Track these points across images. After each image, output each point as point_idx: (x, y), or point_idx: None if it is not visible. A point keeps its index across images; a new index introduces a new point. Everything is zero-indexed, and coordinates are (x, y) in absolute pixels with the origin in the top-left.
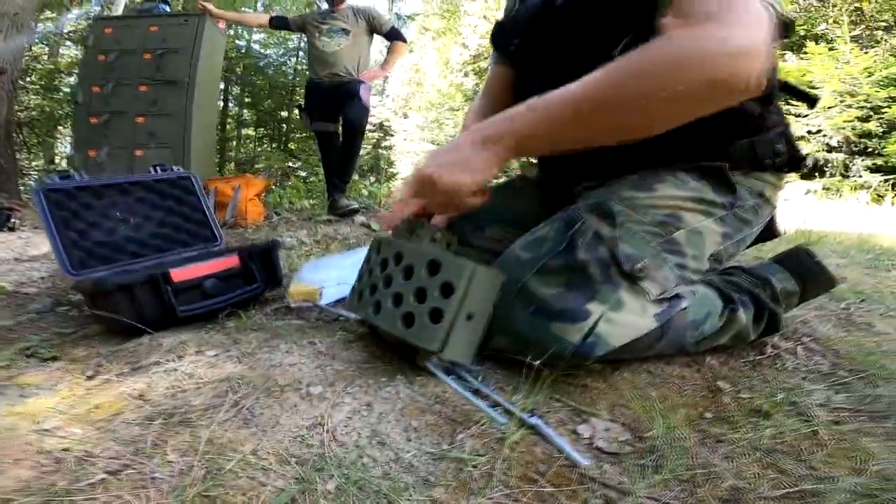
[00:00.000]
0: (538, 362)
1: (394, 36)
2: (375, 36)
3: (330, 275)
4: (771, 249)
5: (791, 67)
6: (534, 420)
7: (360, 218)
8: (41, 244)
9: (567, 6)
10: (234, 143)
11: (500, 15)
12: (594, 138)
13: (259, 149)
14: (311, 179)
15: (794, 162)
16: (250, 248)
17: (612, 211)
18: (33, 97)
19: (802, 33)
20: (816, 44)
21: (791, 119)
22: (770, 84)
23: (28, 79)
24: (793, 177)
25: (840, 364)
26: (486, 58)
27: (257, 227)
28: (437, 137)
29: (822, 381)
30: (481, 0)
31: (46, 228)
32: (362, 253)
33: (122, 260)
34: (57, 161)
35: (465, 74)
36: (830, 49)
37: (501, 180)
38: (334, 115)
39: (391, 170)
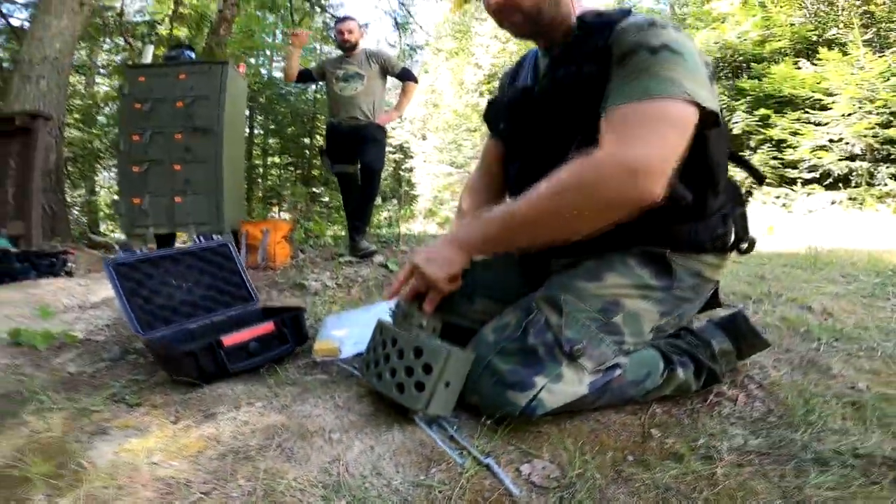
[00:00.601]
0: (494, 418)
1: (405, 77)
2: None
3: (348, 332)
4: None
5: (806, 75)
6: (487, 460)
7: (378, 258)
8: (99, 290)
9: (540, 98)
10: (261, 170)
11: (496, 89)
12: (539, 241)
13: (284, 176)
14: (333, 204)
15: (738, 243)
16: (283, 315)
17: (559, 303)
18: (74, 132)
19: (814, 39)
20: (829, 49)
21: (811, 128)
22: (710, 171)
23: (71, 116)
24: (818, 188)
25: (774, 410)
26: (499, 77)
27: (285, 268)
28: (455, 159)
29: (747, 426)
30: (491, 20)
31: (117, 296)
32: (375, 309)
33: (179, 320)
34: (97, 190)
35: (481, 94)
36: (844, 54)
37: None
38: (353, 157)
39: (412, 192)
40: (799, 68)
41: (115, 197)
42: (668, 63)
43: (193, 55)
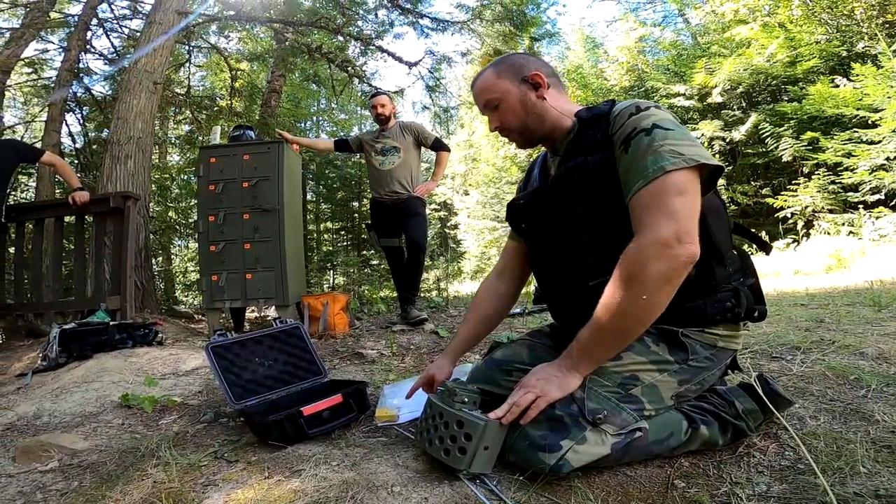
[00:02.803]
0: (528, 473)
1: (438, 147)
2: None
3: (404, 401)
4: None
5: (845, 92)
6: None
7: (429, 326)
8: (188, 360)
9: (551, 192)
10: (315, 236)
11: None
12: (632, 333)
13: (337, 241)
14: (382, 267)
15: (750, 314)
16: (349, 388)
17: (584, 381)
18: (152, 205)
19: (844, 54)
20: (862, 63)
21: (864, 147)
22: (712, 247)
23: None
24: (885, 210)
25: (804, 458)
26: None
27: (344, 337)
28: (499, 213)
29: (773, 474)
30: None
31: (214, 373)
32: None
33: (264, 392)
34: (172, 259)
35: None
36: (878, 67)
37: (530, 331)
38: (398, 230)
39: (459, 248)
40: (836, 86)
41: (190, 265)
42: (663, 139)
43: (253, 135)
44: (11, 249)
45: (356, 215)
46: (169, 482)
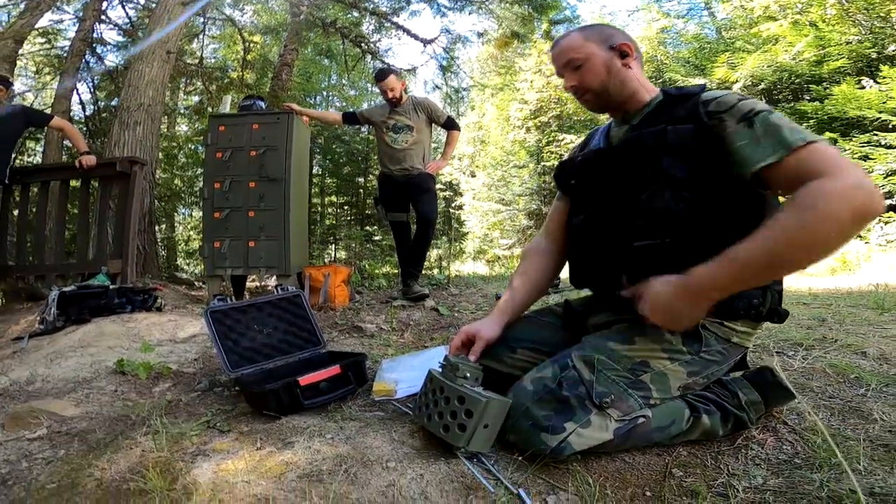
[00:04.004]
0: (527, 454)
1: (450, 126)
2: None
3: (402, 375)
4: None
5: (870, 95)
6: (518, 490)
7: (430, 302)
8: (186, 326)
9: (616, 154)
10: (320, 209)
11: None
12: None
13: (341, 215)
14: (385, 243)
15: (772, 314)
16: (347, 360)
17: (593, 361)
18: (159, 173)
19: (874, 56)
20: (892, 66)
21: (882, 151)
22: None
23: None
24: (895, 216)
25: (801, 453)
26: (545, 112)
27: (344, 310)
28: (504, 196)
29: (770, 467)
30: (534, 56)
31: (212, 339)
32: (426, 355)
33: (260, 360)
34: (176, 227)
35: (527, 130)
36: None
37: (536, 309)
38: (406, 206)
39: (462, 230)
40: (862, 87)
41: (192, 233)
42: (784, 118)
43: (264, 106)
44: (15, 212)
45: (361, 191)
46: (157, 451)
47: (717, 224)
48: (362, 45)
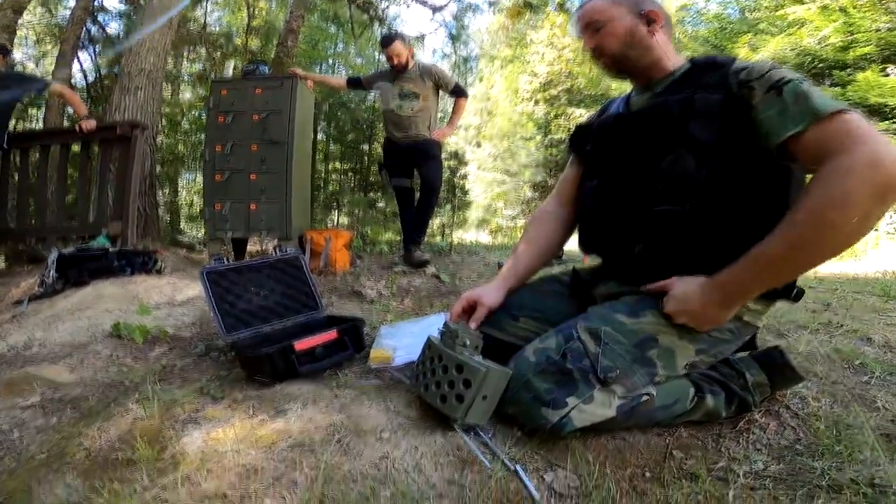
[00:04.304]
0: (527, 429)
1: (457, 93)
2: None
3: (400, 342)
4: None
5: (894, 82)
6: (515, 466)
7: (431, 269)
8: (185, 289)
9: (636, 119)
10: (323, 175)
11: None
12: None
13: (344, 181)
14: (389, 210)
15: (787, 292)
16: (345, 325)
17: (599, 334)
18: (161, 138)
19: None
20: None
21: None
22: (782, 213)
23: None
24: None
25: (803, 439)
26: (555, 85)
27: (344, 274)
28: (510, 167)
29: (772, 452)
30: (546, 29)
31: (208, 301)
32: (425, 322)
33: (257, 324)
34: (179, 192)
35: (536, 103)
36: None
37: (541, 277)
38: (411, 172)
39: (466, 199)
40: (886, 75)
41: (196, 198)
42: (816, 89)
43: (267, 70)
44: (16, 176)
45: (366, 158)
46: (149, 419)
47: (739, 194)
48: (370, 11)
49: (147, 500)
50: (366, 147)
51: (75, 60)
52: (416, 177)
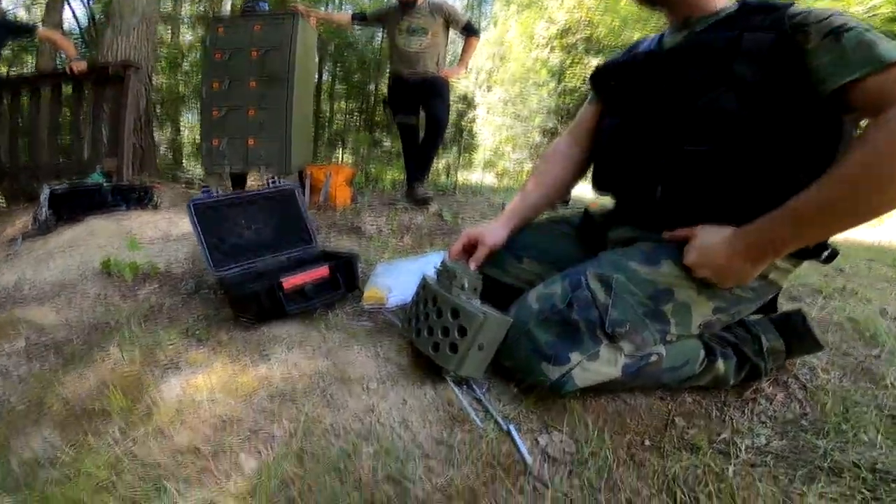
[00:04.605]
0: (524, 385)
1: (468, 31)
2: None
3: (396, 281)
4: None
5: None
6: (509, 426)
7: (433, 207)
8: (180, 223)
9: (671, 57)
10: (328, 115)
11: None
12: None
13: (350, 121)
14: (394, 150)
15: (819, 251)
16: (337, 262)
17: (610, 282)
18: (161, 79)
19: None
20: None
21: None
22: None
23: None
24: None
25: (809, 414)
26: (573, 33)
27: (344, 210)
28: (520, 112)
29: (776, 426)
30: None
31: (195, 234)
32: (424, 260)
33: (247, 258)
34: (182, 130)
35: (551, 50)
36: None
37: (549, 217)
38: (416, 109)
39: (473, 142)
40: None
41: (197, 137)
42: (881, 36)
43: (267, 7)
44: (7, 117)
45: (371, 97)
46: (129, 364)
47: (782, 141)
48: None
49: (118, 455)
50: (372, 87)
51: (66, 7)
52: (421, 115)
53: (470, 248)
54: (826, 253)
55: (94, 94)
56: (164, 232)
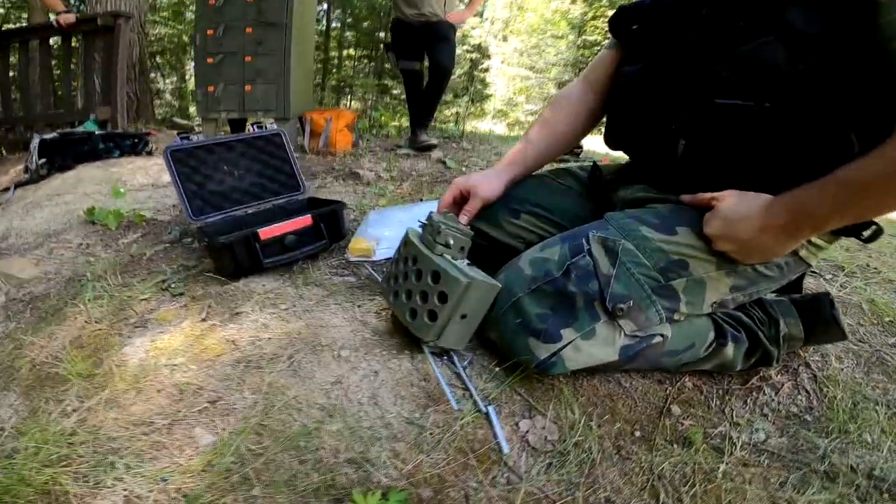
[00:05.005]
0: (507, 363)
1: None
2: None
3: (385, 232)
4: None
5: None
6: (488, 408)
7: (437, 154)
8: None
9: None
10: (336, 62)
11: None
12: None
13: (358, 68)
14: (402, 97)
15: (858, 229)
16: (321, 211)
17: (615, 249)
18: (162, 28)
19: None
20: None
21: None
22: (884, 132)
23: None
24: None
25: (815, 408)
26: None
27: (344, 156)
28: (536, 63)
29: (778, 420)
30: None
31: (172, 182)
32: (417, 209)
33: (229, 207)
34: (187, 78)
35: (573, 1)
36: None
37: (552, 169)
38: (420, 54)
39: (485, 91)
40: None
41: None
42: None
43: None
44: None
45: (381, 45)
46: (99, 322)
47: (834, 103)
48: None
49: (72, 425)
50: (381, 34)
51: None
52: (426, 61)
53: (461, 200)
54: (868, 232)
55: (84, 45)
56: (154, 178)
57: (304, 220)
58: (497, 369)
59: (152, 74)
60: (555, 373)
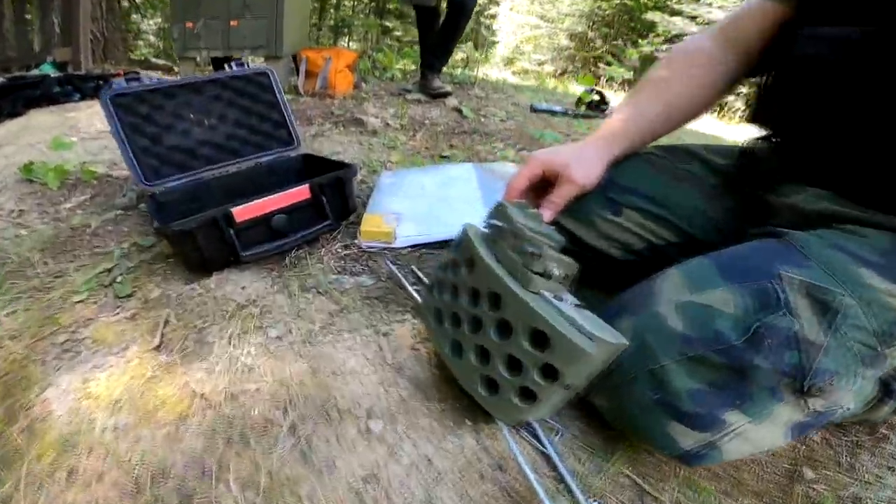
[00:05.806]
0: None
1: None
2: None
3: (406, 205)
4: None
5: None
6: None
7: (452, 101)
8: None
9: None
10: (335, 1)
11: None
12: None
13: (357, 6)
14: (405, 39)
15: None
16: (323, 179)
17: (830, 304)
18: None
19: None
20: None
21: None
22: None
23: None
24: None
25: None
26: None
27: (344, 99)
28: (548, 13)
29: None
30: None
31: (115, 136)
32: (444, 172)
33: (197, 167)
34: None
35: None
36: None
37: (666, 145)
38: None
39: (493, 38)
40: None
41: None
42: None
43: None
44: None
45: None
46: (14, 338)
47: None
48: None
49: None
50: None
51: None
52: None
53: (542, 184)
54: None
55: None
56: None
57: (299, 193)
58: (595, 440)
59: (133, 17)
60: (703, 465)
